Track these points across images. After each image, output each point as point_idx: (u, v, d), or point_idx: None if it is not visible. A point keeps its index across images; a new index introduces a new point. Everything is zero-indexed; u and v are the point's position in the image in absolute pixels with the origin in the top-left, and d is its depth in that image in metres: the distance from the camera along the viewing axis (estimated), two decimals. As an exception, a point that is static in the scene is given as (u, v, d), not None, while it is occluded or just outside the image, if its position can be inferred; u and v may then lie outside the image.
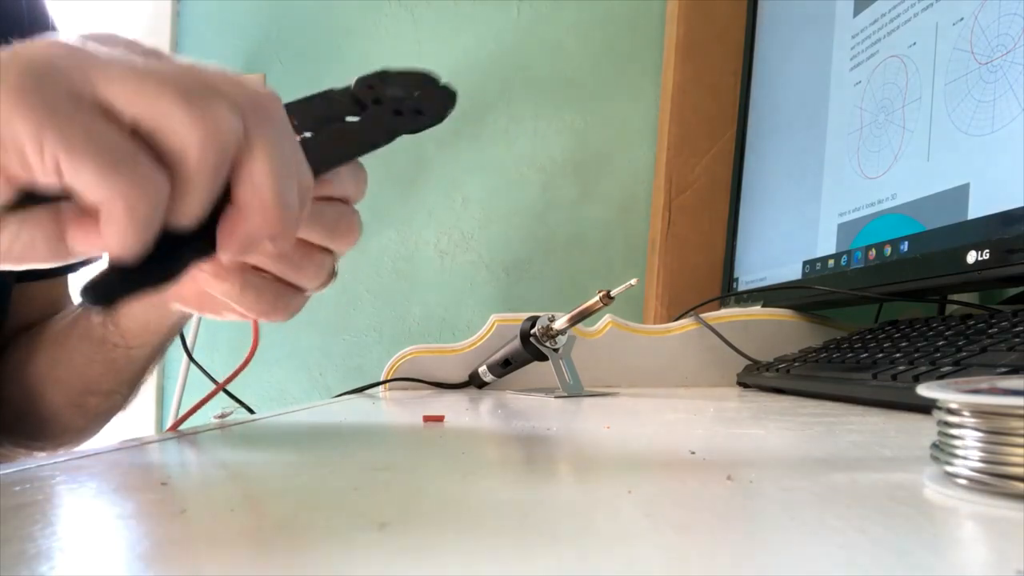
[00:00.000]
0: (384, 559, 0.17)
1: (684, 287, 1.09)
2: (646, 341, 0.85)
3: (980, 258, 0.57)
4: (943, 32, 0.66)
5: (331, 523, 0.21)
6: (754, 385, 0.76)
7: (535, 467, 0.30)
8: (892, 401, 0.49)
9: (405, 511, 0.22)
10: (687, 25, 1.12)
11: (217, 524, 0.21)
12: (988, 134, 0.59)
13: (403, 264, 1.23)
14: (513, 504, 0.23)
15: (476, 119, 1.23)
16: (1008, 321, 0.52)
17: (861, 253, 0.74)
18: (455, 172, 1.23)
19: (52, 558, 0.17)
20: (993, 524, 0.19)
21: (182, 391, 1.20)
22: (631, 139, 1.21)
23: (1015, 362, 0.42)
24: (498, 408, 0.58)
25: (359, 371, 1.21)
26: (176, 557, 0.18)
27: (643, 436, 0.39)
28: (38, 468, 0.30)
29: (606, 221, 1.21)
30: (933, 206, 0.65)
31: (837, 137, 0.82)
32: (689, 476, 0.26)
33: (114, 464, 0.32)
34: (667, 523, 0.20)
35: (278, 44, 1.26)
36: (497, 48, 1.23)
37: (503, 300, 1.21)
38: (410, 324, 1.22)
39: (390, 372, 0.83)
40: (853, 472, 0.26)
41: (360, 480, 0.27)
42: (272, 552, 0.18)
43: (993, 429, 0.22)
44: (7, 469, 0.29)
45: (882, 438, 0.36)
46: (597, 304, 0.67)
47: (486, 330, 0.83)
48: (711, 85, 1.12)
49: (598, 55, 1.22)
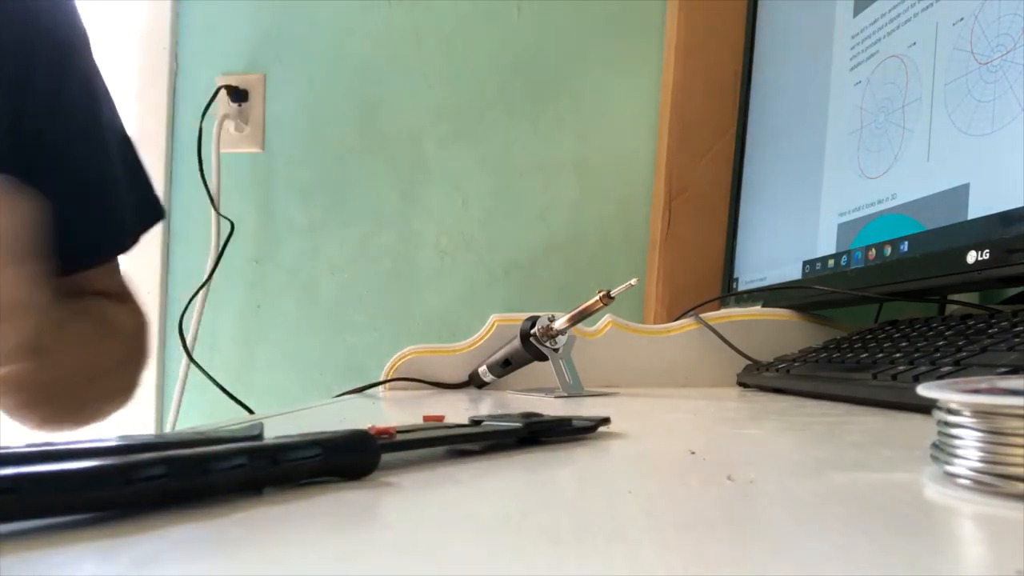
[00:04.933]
0: (383, 559, 0.17)
1: (684, 287, 1.09)
2: (646, 341, 0.85)
3: (980, 258, 0.57)
4: (943, 32, 0.66)
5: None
6: (754, 385, 0.76)
7: (535, 467, 0.30)
8: (892, 401, 0.49)
9: (404, 511, 0.22)
10: (687, 25, 1.12)
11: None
12: (988, 134, 0.59)
13: (403, 264, 1.23)
14: (513, 504, 0.23)
15: (476, 119, 1.23)
16: (1008, 321, 0.52)
17: (861, 253, 0.74)
18: (455, 172, 1.23)
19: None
20: (993, 524, 0.19)
21: (182, 391, 1.20)
22: (631, 139, 1.21)
23: (1015, 362, 0.42)
24: (498, 408, 0.58)
25: (359, 371, 1.21)
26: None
27: (643, 436, 0.39)
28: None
29: (606, 221, 1.21)
30: (933, 206, 0.65)
31: (837, 137, 0.82)
32: (689, 476, 0.26)
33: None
34: (667, 523, 0.20)
35: (278, 44, 1.26)
36: (497, 48, 1.23)
37: (503, 300, 1.21)
38: (410, 324, 1.22)
39: (390, 372, 0.83)
40: (853, 472, 0.26)
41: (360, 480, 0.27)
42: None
43: (993, 429, 0.22)
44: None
45: (882, 438, 0.36)
46: (597, 304, 0.67)
47: (486, 330, 0.83)
48: (711, 85, 1.12)
49: (598, 55, 1.22)
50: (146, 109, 1.26)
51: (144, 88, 1.26)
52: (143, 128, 1.25)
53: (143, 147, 1.24)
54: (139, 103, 1.26)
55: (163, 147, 1.25)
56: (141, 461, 0.20)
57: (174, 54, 1.27)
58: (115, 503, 0.20)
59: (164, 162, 1.25)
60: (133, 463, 0.20)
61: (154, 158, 1.25)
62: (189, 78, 1.27)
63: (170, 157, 1.26)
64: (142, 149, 0.70)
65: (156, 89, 1.26)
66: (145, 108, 1.26)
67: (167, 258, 1.26)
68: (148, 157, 1.24)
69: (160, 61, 1.26)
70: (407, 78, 1.24)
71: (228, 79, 1.25)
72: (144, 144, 1.25)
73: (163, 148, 1.25)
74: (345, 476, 0.26)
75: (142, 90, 1.26)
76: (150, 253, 1.24)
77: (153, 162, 1.25)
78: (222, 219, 1.22)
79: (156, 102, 1.26)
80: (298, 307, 1.24)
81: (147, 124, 1.26)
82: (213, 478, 0.22)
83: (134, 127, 1.26)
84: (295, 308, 1.24)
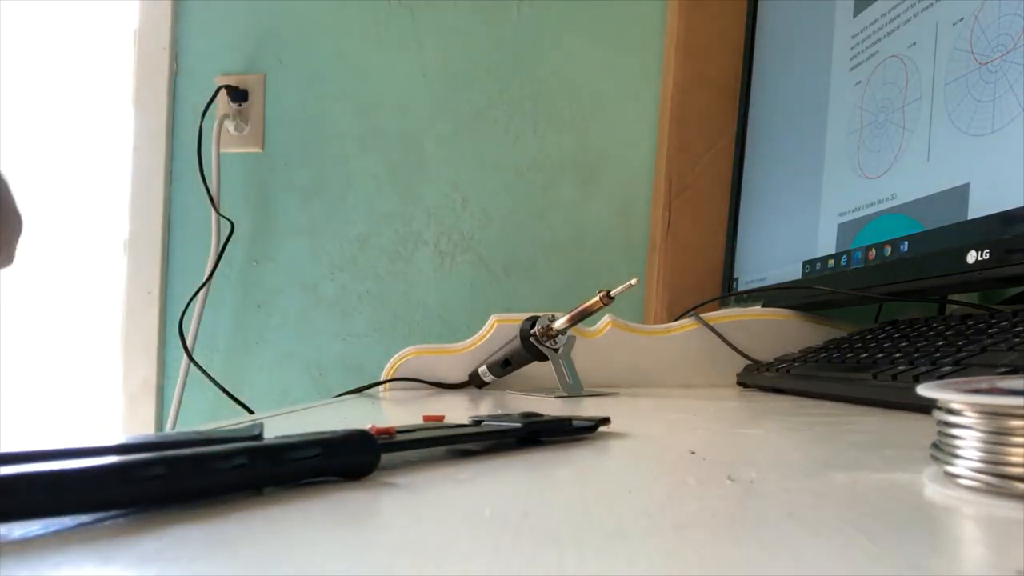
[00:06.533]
0: (383, 559, 0.17)
1: (684, 287, 1.09)
2: (646, 341, 0.85)
3: (980, 258, 0.57)
4: (943, 32, 0.66)
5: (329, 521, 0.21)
6: (754, 385, 0.76)
7: (535, 467, 0.30)
8: (892, 401, 0.49)
9: (404, 511, 0.22)
10: (687, 25, 1.12)
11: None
12: (988, 134, 0.59)
13: (403, 265, 1.23)
14: (513, 504, 0.23)
15: (476, 119, 1.23)
16: (1008, 321, 0.52)
17: (861, 253, 0.74)
18: (455, 172, 1.23)
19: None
20: (993, 524, 0.19)
21: (182, 391, 1.20)
22: (631, 139, 1.21)
23: (1015, 362, 0.42)
24: (498, 408, 0.58)
25: (359, 371, 1.21)
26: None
27: (643, 436, 0.39)
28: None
29: (606, 221, 1.21)
30: (933, 206, 0.65)
31: (837, 137, 0.82)
32: (689, 476, 0.26)
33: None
34: (667, 523, 0.20)
35: (278, 44, 1.26)
36: (497, 48, 1.23)
37: (503, 300, 1.21)
38: (410, 324, 1.22)
39: (390, 372, 0.83)
40: (853, 472, 0.26)
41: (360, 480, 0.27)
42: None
43: (993, 429, 0.22)
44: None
45: (882, 438, 0.36)
46: (597, 304, 0.67)
47: (486, 330, 0.83)
48: (711, 85, 1.12)
49: (598, 55, 1.22)
50: (146, 109, 1.26)
51: (144, 88, 1.26)
52: (143, 128, 1.26)
53: (143, 147, 1.25)
54: (139, 103, 1.26)
55: (163, 147, 1.25)
56: (141, 461, 0.20)
57: (174, 54, 1.27)
58: (115, 503, 0.20)
59: (164, 162, 1.25)
60: (133, 463, 0.20)
61: (154, 158, 1.25)
62: (189, 78, 1.27)
63: (170, 157, 1.26)
64: (142, 149, 0.70)
65: (156, 89, 1.26)
66: (145, 108, 1.26)
67: (167, 258, 1.26)
68: (148, 157, 1.25)
69: (160, 61, 1.26)
70: (407, 78, 1.24)
71: (228, 79, 1.25)
72: (144, 144, 1.26)
73: (163, 148, 1.25)
74: (345, 476, 0.26)
75: (142, 90, 1.26)
76: (150, 253, 1.24)
77: (153, 162, 1.26)
78: (222, 219, 1.22)
79: (156, 102, 1.26)
80: (298, 307, 1.24)
81: (147, 124, 1.26)
82: (213, 478, 0.22)
83: (134, 127, 1.26)
84: (295, 308, 1.24)
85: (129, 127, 1.26)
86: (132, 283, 1.24)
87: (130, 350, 1.24)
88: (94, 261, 1.34)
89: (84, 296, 1.35)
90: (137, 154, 1.25)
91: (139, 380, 1.23)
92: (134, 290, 1.24)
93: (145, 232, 1.25)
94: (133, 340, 1.24)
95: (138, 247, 1.25)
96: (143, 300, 1.24)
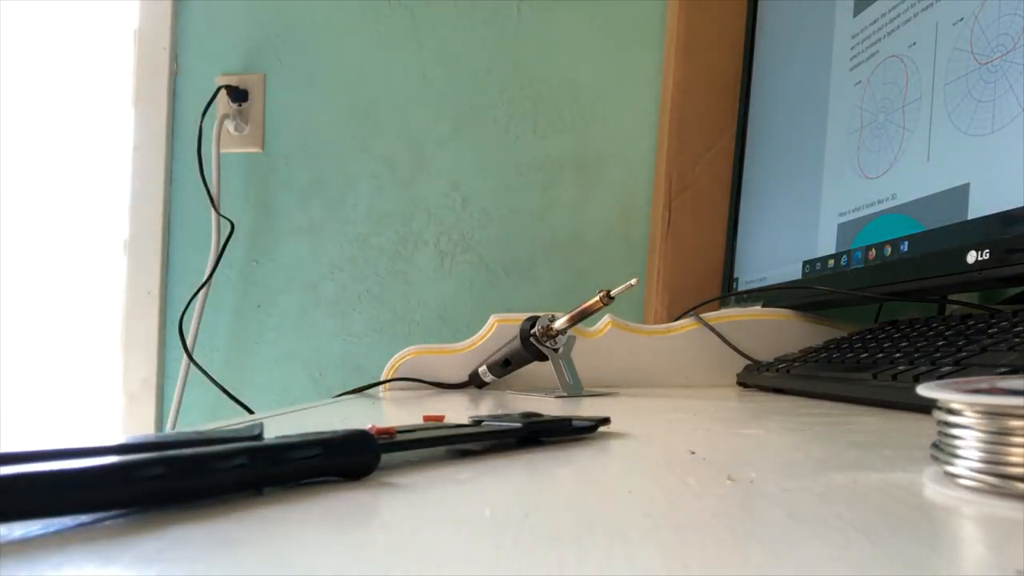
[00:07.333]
0: (383, 559, 0.17)
1: (684, 287, 1.09)
2: (646, 341, 0.85)
3: (980, 258, 0.57)
4: (943, 32, 0.66)
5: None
6: (754, 385, 0.76)
7: (535, 467, 0.30)
8: (892, 401, 0.49)
9: (404, 511, 0.22)
10: (687, 25, 1.12)
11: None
12: (988, 134, 0.59)
13: (403, 264, 1.23)
14: (513, 504, 0.23)
15: (476, 119, 1.23)
16: (1008, 321, 0.52)
17: (861, 253, 0.74)
18: (455, 172, 1.23)
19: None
20: (993, 524, 0.19)
21: (182, 391, 1.20)
22: (631, 139, 1.21)
23: (1015, 362, 0.42)
24: (498, 408, 0.58)
25: (359, 371, 1.21)
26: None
27: (643, 436, 0.39)
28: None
29: (606, 221, 1.21)
30: (933, 206, 0.65)
31: (837, 137, 0.82)
32: (689, 476, 0.26)
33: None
34: (667, 523, 0.20)
35: (278, 44, 1.26)
36: (497, 48, 1.23)
37: (503, 300, 1.21)
38: (410, 324, 1.22)
39: (390, 372, 0.83)
40: (853, 472, 0.26)
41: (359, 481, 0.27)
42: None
43: (993, 429, 0.22)
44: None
45: (882, 438, 0.36)
46: (597, 304, 0.67)
47: (486, 330, 0.83)
48: (711, 85, 1.12)
49: (598, 55, 1.22)
50: (146, 109, 1.26)
51: (144, 88, 1.26)
52: (143, 128, 1.26)
53: (143, 147, 1.25)
54: (139, 103, 1.26)
55: (163, 147, 1.25)
56: (141, 461, 0.20)
57: (174, 54, 1.27)
58: (115, 503, 0.20)
59: (164, 162, 1.25)
60: (133, 463, 0.20)
61: (154, 158, 1.25)
62: (189, 78, 1.27)
63: (170, 157, 1.26)
64: (142, 149, 0.70)
65: (156, 89, 1.26)
66: (145, 108, 1.26)
67: (167, 258, 1.26)
68: (148, 157, 1.25)
69: (160, 61, 1.26)
70: (407, 78, 1.24)
71: (228, 79, 1.25)
72: (144, 144, 1.26)
73: (163, 148, 1.25)
74: (345, 476, 0.26)
75: (142, 90, 1.26)
76: (150, 253, 1.24)
77: (153, 162, 1.26)
78: (222, 219, 1.22)
79: (156, 102, 1.26)
80: (298, 307, 1.24)
81: (147, 124, 1.26)
82: (213, 478, 0.22)
83: (134, 127, 1.26)
84: (295, 308, 1.24)
85: (129, 127, 1.26)
86: (132, 283, 1.24)
87: (130, 350, 1.24)
88: (94, 261, 1.34)
89: (84, 296, 1.35)
90: (137, 154, 1.25)
91: (139, 380, 1.23)
92: (134, 290, 1.24)
93: (145, 232, 1.25)
94: (133, 340, 1.24)
95: (138, 247, 1.25)
96: (143, 300, 1.24)
